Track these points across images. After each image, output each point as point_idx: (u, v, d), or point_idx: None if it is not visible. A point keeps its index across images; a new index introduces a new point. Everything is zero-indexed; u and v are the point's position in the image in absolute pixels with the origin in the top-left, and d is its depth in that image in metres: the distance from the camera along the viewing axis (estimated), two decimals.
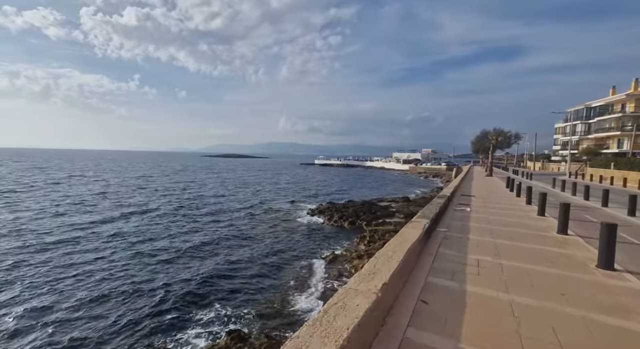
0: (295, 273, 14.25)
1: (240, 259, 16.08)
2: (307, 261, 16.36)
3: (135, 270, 13.67)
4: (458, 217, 9.14)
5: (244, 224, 23.52)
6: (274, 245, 18.58)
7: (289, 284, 12.55)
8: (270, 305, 10.42)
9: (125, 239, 18.22)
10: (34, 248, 15.88)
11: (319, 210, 27.75)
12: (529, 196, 12.36)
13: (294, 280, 13.12)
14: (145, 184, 45.84)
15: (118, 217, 23.32)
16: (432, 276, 4.62)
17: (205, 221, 23.74)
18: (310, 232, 21.71)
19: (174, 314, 9.58)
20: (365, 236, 19.57)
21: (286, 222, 24.33)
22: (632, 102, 46.76)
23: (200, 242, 18.38)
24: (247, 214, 26.67)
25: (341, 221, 23.82)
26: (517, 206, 12.17)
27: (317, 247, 18.56)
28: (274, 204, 31.76)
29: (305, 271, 14.53)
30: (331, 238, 20.40)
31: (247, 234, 20.74)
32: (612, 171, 27.45)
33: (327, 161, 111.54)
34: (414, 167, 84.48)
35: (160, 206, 28.54)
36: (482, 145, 45.05)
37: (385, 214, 25.87)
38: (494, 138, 33.84)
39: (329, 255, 16.95)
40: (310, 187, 46.94)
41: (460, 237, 6.88)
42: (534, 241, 6.79)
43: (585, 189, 14.77)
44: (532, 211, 10.70)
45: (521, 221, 9.02)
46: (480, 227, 8.02)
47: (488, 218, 9.16)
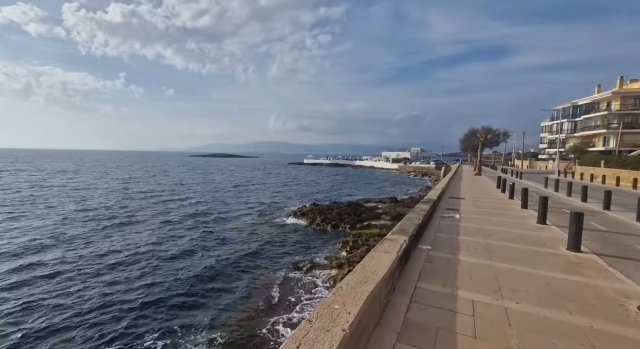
0: (265, 287, 12.49)
1: (204, 269, 14.30)
2: (281, 272, 14.63)
3: (83, 284, 11.70)
4: (445, 228, 7.51)
5: (218, 228, 21.58)
6: (246, 252, 16.80)
7: (255, 304, 10.74)
8: (224, 335, 8.60)
9: (74, 247, 16.10)
10: None
11: (302, 212, 26.03)
12: (524, 199, 10.85)
13: (262, 297, 11.32)
14: (116, 186, 43.25)
15: (73, 222, 21.04)
16: (404, 342, 2.91)
17: (175, 224, 21.70)
18: (290, 236, 19.99)
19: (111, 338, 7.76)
20: (348, 241, 18.01)
21: (264, 225, 22.52)
22: (617, 100, 46.49)
23: (158, 248, 16.48)
24: (223, 217, 24.72)
25: (324, 224, 22.16)
26: (511, 210, 10.69)
27: (294, 255, 16.85)
28: (255, 205, 29.87)
29: (276, 285, 12.76)
30: (312, 243, 18.71)
31: (218, 240, 18.85)
32: (603, 169, 26.52)
33: (316, 161, 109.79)
34: (403, 166, 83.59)
35: (127, 207, 26.31)
36: (470, 143, 44.03)
37: (371, 216, 24.30)
38: (482, 136, 32.67)
39: (305, 264, 15.27)
40: (296, 188, 45.13)
41: (448, 260, 5.22)
42: (543, 264, 5.18)
43: (583, 190, 13.39)
44: (530, 218, 9.18)
45: (521, 232, 7.43)
46: (472, 242, 6.40)
47: (481, 229, 7.56)
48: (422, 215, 7.04)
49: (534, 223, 8.38)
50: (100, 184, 43.25)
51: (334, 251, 17.21)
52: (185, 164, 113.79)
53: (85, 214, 23.94)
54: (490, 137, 33.59)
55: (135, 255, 15.39)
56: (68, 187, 38.79)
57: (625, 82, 49.32)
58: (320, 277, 13.98)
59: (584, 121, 51.67)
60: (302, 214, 25.54)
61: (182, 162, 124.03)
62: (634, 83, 48.77)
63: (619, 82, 49.32)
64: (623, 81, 49.28)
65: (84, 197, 31.63)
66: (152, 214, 25.02)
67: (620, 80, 49.47)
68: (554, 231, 7.66)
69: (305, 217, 24.44)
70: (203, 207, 28.18)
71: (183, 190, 39.54)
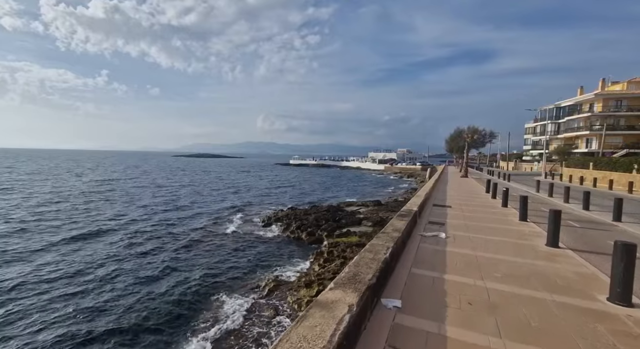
0: (216, 312, 10.19)
1: (152, 287, 11.91)
2: (238, 292, 12.24)
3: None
4: (426, 258, 5.23)
5: (179, 236, 18.97)
6: (204, 266, 14.36)
7: (199, 338, 8.29)
8: None
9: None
10: None
11: (276, 217, 23.65)
12: (523, 209, 8.76)
13: (210, 327, 8.94)
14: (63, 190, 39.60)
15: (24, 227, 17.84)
16: None
17: (128, 234, 18.85)
18: (259, 246, 17.58)
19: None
20: (322, 251, 15.77)
21: (232, 233, 19.99)
22: (599, 102, 46.02)
23: (97, 263, 13.90)
24: (188, 223, 22.00)
25: (298, 231, 19.84)
26: (509, 223, 8.62)
27: (260, 269, 14.48)
28: (226, 210, 27.18)
29: (226, 314, 10.36)
30: (282, 255, 16.37)
31: (176, 250, 16.28)
32: (592, 171, 25.23)
33: (302, 161, 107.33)
34: (390, 167, 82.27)
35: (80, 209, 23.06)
36: (456, 144, 42.55)
37: (351, 221, 22.12)
38: (469, 136, 31.07)
39: (269, 283, 12.93)
40: (275, 190, 42.56)
41: (429, 336, 2.92)
42: (600, 340, 2.98)
43: (585, 196, 11.50)
44: (534, 236, 7.06)
45: (533, 262, 5.13)
46: (467, 287, 4.08)
47: (477, 258, 5.26)
48: (394, 240, 4.84)
49: (542, 245, 6.29)
50: (62, 187, 39.51)
51: (305, 265, 14.96)
52: (165, 164, 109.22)
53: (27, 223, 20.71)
54: (477, 138, 32.05)
55: (69, 276, 12.59)
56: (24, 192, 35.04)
57: (607, 84, 49.11)
58: (284, 299, 11.70)
59: (567, 123, 51.21)
60: (277, 219, 23.20)
61: (163, 163, 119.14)
62: (615, 85, 48.59)
63: (601, 84, 49.02)
64: (605, 83, 49.03)
65: (42, 203, 28.16)
66: (106, 219, 21.98)
67: (602, 82, 49.18)
68: (572, 258, 5.57)
69: (279, 224, 22.12)
70: (164, 214, 25.25)
71: (151, 193, 36.35)
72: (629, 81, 47.21)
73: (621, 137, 44.08)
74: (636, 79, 47.23)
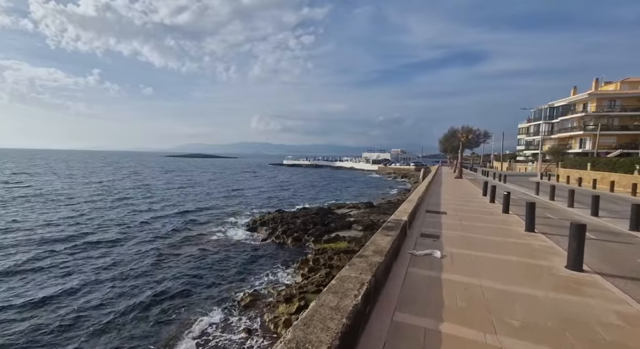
0: (178, 336, 8.81)
1: (119, 300, 10.59)
2: (209, 309, 10.81)
3: None
4: (415, 295, 3.72)
5: (156, 241, 17.45)
6: (172, 278, 12.92)
7: None
8: None
9: None
10: None
11: (262, 221, 22.14)
12: (530, 219, 7.44)
13: None
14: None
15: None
16: None
17: (99, 239, 17.23)
18: (240, 253, 16.12)
19: None
20: (307, 259, 14.37)
21: (211, 238, 18.47)
22: (593, 102, 45.47)
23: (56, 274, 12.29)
24: (166, 228, 20.33)
25: (284, 236, 18.41)
26: (517, 236, 7.29)
27: (237, 280, 13.04)
28: (211, 213, 25.60)
29: (197, 332, 9.09)
30: (264, 263, 14.91)
31: (143, 259, 14.76)
32: (590, 172, 24.27)
33: (296, 161, 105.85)
34: (384, 167, 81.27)
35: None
36: (450, 144, 41.51)
37: (340, 225, 20.71)
38: (464, 136, 29.97)
39: (245, 296, 11.52)
40: (265, 191, 40.99)
41: None
42: None
43: (594, 201, 10.28)
44: (549, 253, 5.72)
45: (555, 297, 3.81)
46: (473, 347, 2.80)
47: (482, 290, 3.89)
48: (373, 270, 3.51)
49: (561, 267, 4.99)
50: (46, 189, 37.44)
51: (288, 275, 13.57)
52: (156, 165, 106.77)
53: None
54: (471, 138, 30.98)
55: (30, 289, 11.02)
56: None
57: (600, 84, 48.63)
58: (260, 317, 10.31)
59: (561, 123, 50.62)
60: (263, 223, 21.71)
61: (155, 163, 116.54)
62: (609, 85, 48.13)
63: (594, 84, 48.52)
64: (598, 83, 48.55)
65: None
66: (72, 221, 20.12)
67: (595, 82, 48.69)
68: (607, 290, 4.24)
69: (264, 228, 20.64)
70: (144, 215, 23.59)
71: (135, 194, 34.54)
72: (622, 81, 46.77)
73: (615, 137, 43.56)
74: (629, 79, 46.82)
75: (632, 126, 42.57)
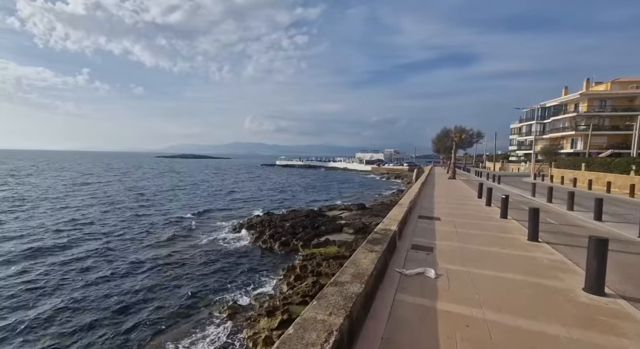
0: None
1: (75, 315, 9.68)
2: (183, 324, 9.95)
3: None
4: (404, 338, 2.90)
5: (132, 246, 16.41)
6: (149, 286, 12.00)
7: None
8: None
9: None
10: None
11: (249, 224, 21.17)
12: (534, 226, 6.56)
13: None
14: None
15: None
16: None
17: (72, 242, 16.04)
18: (222, 260, 15.17)
19: None
20: (294, 266, 13.49)
21: (194, 244, 17.45)
22: (584, 102, 45.41)
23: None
24: (143, 232, 19.20)
25: (271, 241, 17.50)
26: (518, 244, 6.50)
27: (218, 289, 12.13)
28: (196, 216, 24.51)
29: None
30: (248, 270, 13.98)
31: (124, 265, 13.79)
32: (584, 173, 23.84)
33: (289, 162, 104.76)
34: (377, 167, 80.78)
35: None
36: (443, 144, 41.01)
37: (330, 228, 19.84)
38: (457, 136, 29.39)
39: (224, 309, 10.66)
40: (254, 193, 39.88)
41: None
42: None
43: (597, 204, 9.54)
44: (560, 270, 4.83)
45: (582, 337, 2.90)
46: None
47: (487, 327, 2.97)
48: (347, 308, 2.64)
49: (578, 289, 4.15)
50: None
51: (273, 283, 12.67)
52: (147, 166, 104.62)
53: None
54: (465, 137, 30.43)
55: None
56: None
57: (591, 84, 48.68)
58: (239, 333, 9.46)
59: (553, 123, 50.56)
60: (250, 226, 20.74)
61: (142, 164, 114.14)
62: (599, 85, 48.21)
63: (585, 84, 48.53)
64: (589, 83, 48.59)
65: None
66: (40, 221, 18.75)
67: (586, 82, 48.70)
68: (634, 320, 3.44)
69: (252, 232, 19.69)
70: (122, 219, 22.31)
71: (119, 198, 33.13)
72: (613, 81, 46.87)
73: (606, 137, 43.55)
74: (619, 80, 46.95)
75: (623, 126, 42.61)
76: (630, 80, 46.14)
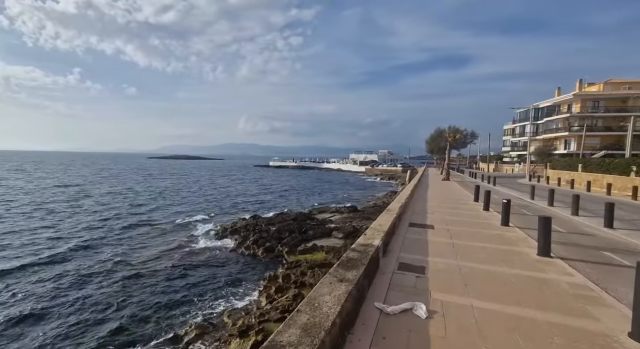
0: None
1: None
2: (144, 346, 8.65)
3: None
4: None
5: (102, 254, 14.96)
6: (109, 302, 10.63)
7: None
8: None
9: None
10: None
11: (233, 228, 19.88)
12: (545, 239, 5.46)
13: None
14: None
15: None
16: None
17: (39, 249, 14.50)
18: (199, 268, 13.84)
19: None
20: (276, 276, 12.22)
21: (172, 250, 16.05)
22: (577, 103, 45.04)
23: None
24: (115, 238, 17.73)
25: (255, 246, 16.21)
26: (528, 261, 5.40)
27: (188, 305, 10.79)
28: (178, 219, 23.10)
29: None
30: (226, 280, 12.66)
31: (82, 274, 12.38)
32: (581, 174, 23.04)
33: (282, 163, 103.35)
34: (371, 168, 79.98)
35: None
36: (437, 145, 40.15)
37: (319, 233, 18.64)
38: (451, 136, 28.46)
39: (190, 329, 9.35)
40: (244, 195, 38.45)
41: None
42: None
43: (608, 208, 8.52)
44: (588, 299, 3.75)
45: None
46: None
47: None
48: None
49: (622, 333, 3.08)
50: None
51: (252, 295, 11.42)
52: (137, 167, 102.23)
53: None
54: (459, 137, 29.52)
55: None
56: None
57: (583, 85, 48.38)
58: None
59: (546, 124, 50.14)
60: (235, 231, 19.45)
61: (131, 165, 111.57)
62: (592, 86, 47.94)
63: (578, 85, 48.22)
64: (582, 84, 48.29)
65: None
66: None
67: (579, 83, 48.40)
68: None
69: (235, 236, 18.41)
70: (95, 223, 20.74)
71: (95, 199, 31.46)
72: (605, 82, 46.63)
73: (599, 138, 43.18)
74: (612, 81, 46.72)
75: (616, 127, 42.30)
76: (622, 82, 45.96)
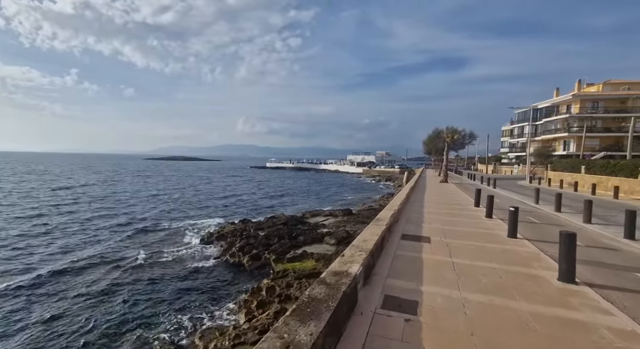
0: None
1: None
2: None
3: None
4: None
5: (81, 263, 13.71)
6: (67, 318, 9.43)
7: None
8: None
9: None
10: None
11: (220, 234, 18.68)
12: (569, 261, 4.29)
13: None
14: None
15: None
16: None
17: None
18: (178, 278, 12.66)
19: None
20: (260, 288, 11.05)
21: (151, 258, 14.80)
22: (576, 103, 44.24)
23: None
24: (80, 245, 16.38)
25: (240, 254, 15.00)
26: (549, 292, 4.29)
27: (156, 323, 9.57)
28: (163, 223, 21.88)
29: None
30: (203, 293, 11.45)
31: (49, 285, 11.15)
32: (584, 176, 22.07)
33: (279, 164, 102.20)
34: (368, 170, 79.08)
35: None
36: (434, 146, 39.16)
37: (310, 239, 17.48)
38: (449, 136, 27.45)
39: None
40: (235, 197, 37.18)
41: None
42: None
43: (629, 217, 7.46)
44: None
45: None
46: None
47: None
48: None
49: None
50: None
51: (229, 312, 10.22)
52: (132, 169, 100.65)
53: None
54: (457, 138, 28.50)
55: None
56: None
57: (582, 86, 47.62)
58: None
59: (545, 125, 49.32)
60: (221, 236, 18.27)
61: (127, 166, 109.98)
62: (591, 87, 47.18)
63: (577, 85, 47.46)
64: (581, 85, 47.53)
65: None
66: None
67: (578, 83, 47.64)
68: None
69: (223, 242, 17.27)
70: (68, 226, 19.40)
71: (80, 199, 30.11)
72: (604, 83, 45.86)
73: (598, 139, 42.38)
74: (611, 81, 45.96)
75: (615, 128, 41.53)
76: (621, 82, 45.20)
